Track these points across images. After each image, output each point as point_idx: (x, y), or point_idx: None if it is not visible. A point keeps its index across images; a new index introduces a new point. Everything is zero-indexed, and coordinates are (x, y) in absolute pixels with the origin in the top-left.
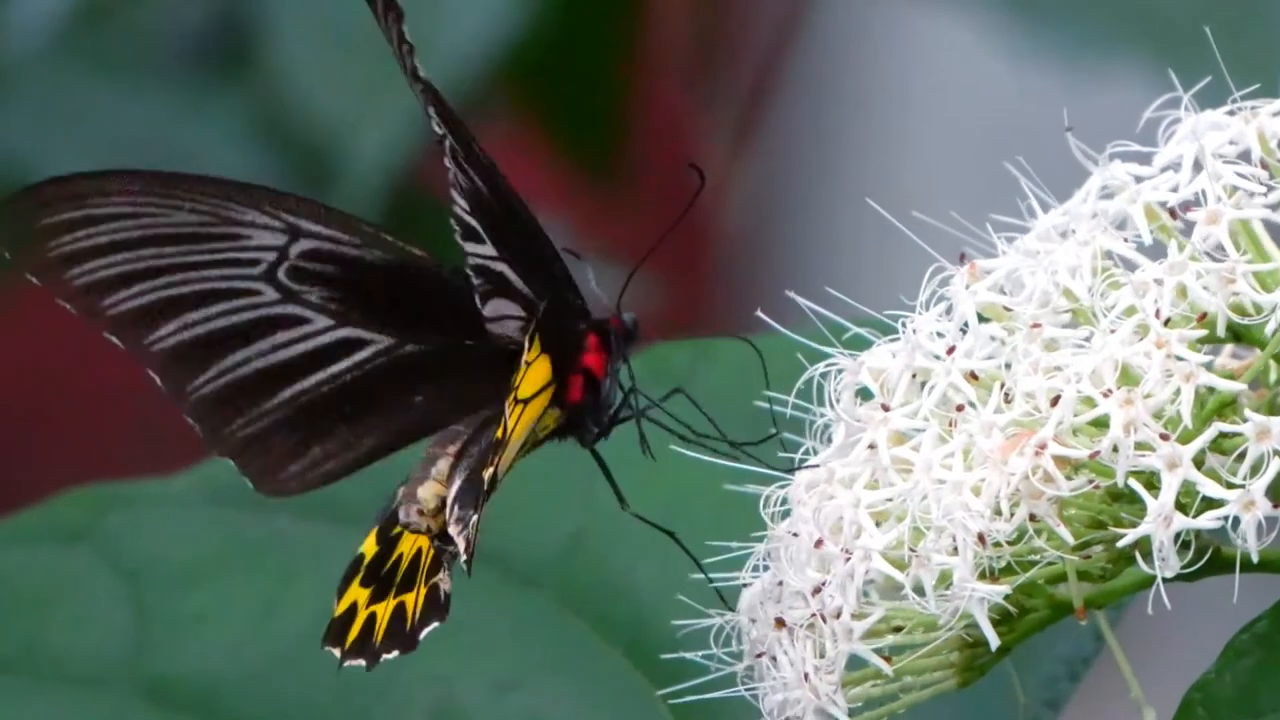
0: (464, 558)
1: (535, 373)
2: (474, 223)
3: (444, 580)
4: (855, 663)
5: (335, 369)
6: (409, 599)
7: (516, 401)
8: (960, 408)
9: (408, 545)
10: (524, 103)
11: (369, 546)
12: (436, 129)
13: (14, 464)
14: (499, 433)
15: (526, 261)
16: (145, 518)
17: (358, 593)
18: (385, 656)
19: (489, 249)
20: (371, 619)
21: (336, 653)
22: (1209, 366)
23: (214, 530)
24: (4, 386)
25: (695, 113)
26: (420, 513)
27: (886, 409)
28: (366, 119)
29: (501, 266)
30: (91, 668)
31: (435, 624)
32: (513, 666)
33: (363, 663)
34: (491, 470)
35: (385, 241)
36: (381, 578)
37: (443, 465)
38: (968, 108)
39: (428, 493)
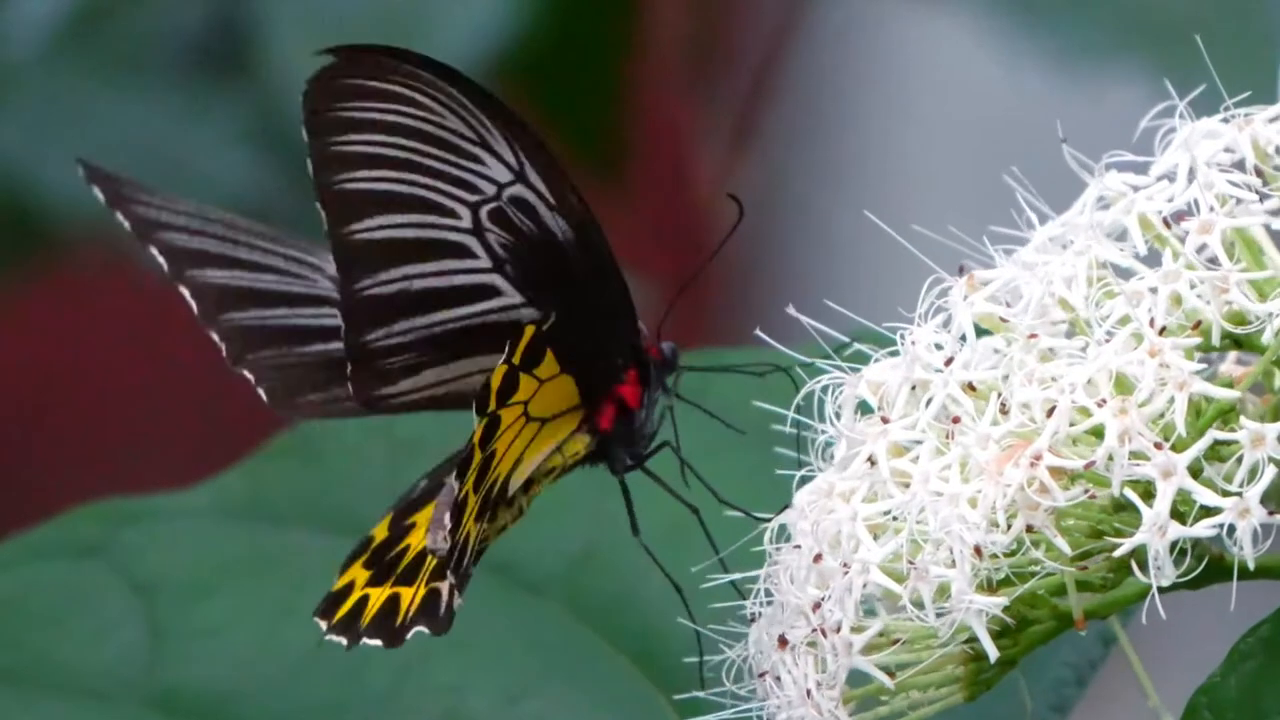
0: (450, 577)
1: (555, 393)
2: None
3: (445, 589)
4: (860, 680)
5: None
6: (404, 593)
7: (529, 419)
8: (957, 419)
9: (417, 539)
10: (521, 103)
11: (380, 530)
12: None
13: (15, 464)
14: (476, 440)
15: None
16: (158, 532)
17: (358, 572)
18: (367, 642)
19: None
20: (364, 601)
21: (323, 625)
22: (1212, 376)
23: (226, 543)
24: (7, 385)
25: (693, 114)
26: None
27: (886, 421)
28: None
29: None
30: (105, 681)
31: (424, 629)
32: (522, 676)
33: (344, 641)
34: (467, 488)
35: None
36: (384, 563)
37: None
38: (966, 111)
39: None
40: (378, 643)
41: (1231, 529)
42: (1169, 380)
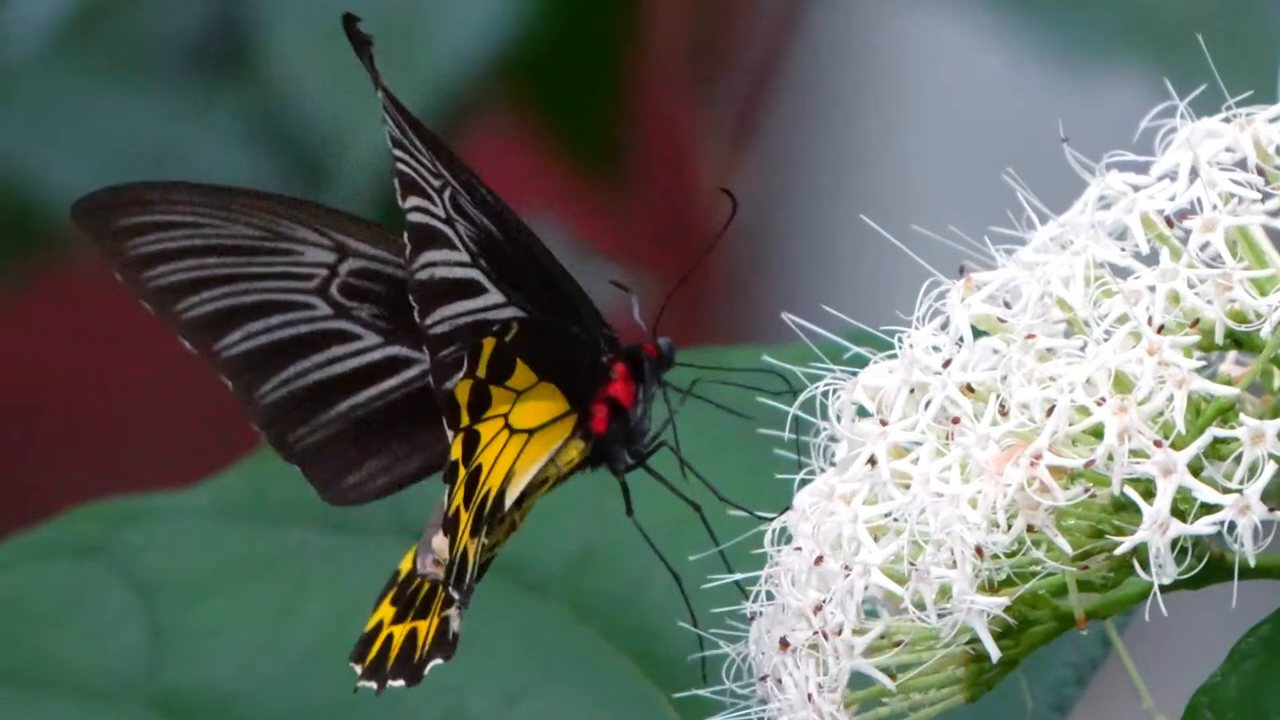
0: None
1: (538, 402)
2: (471, 274)
3: (454, 618)
4: (862, 683)
5: (385, 385)
6: (421, 627)
7: (514, 432)
8: (956, 420)
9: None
10: (521, 102)
11: (405, 563)
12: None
13: (14, 464)
14: (458, 456)
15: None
16: (159, 531)
17: (385, 610)
18: (392, 684)
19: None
20: (389, 641)
21: (358, 669)
22: (1211, 376)
23: (227, 543)
24: (7, 385)
25: (693, 114)
26: (436, 563)
27: (885, 424)
28: (362, 120)
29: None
30: (106, 681)
31: (439, 660)
32: (523, 676)
33: (374, 686)
34: (456, 504)
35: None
36: (406, 598)
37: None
38: (966, 110)
39: (441, 542)
40: (400, 683)
41: (1232, 526)
42: (1168, 378)
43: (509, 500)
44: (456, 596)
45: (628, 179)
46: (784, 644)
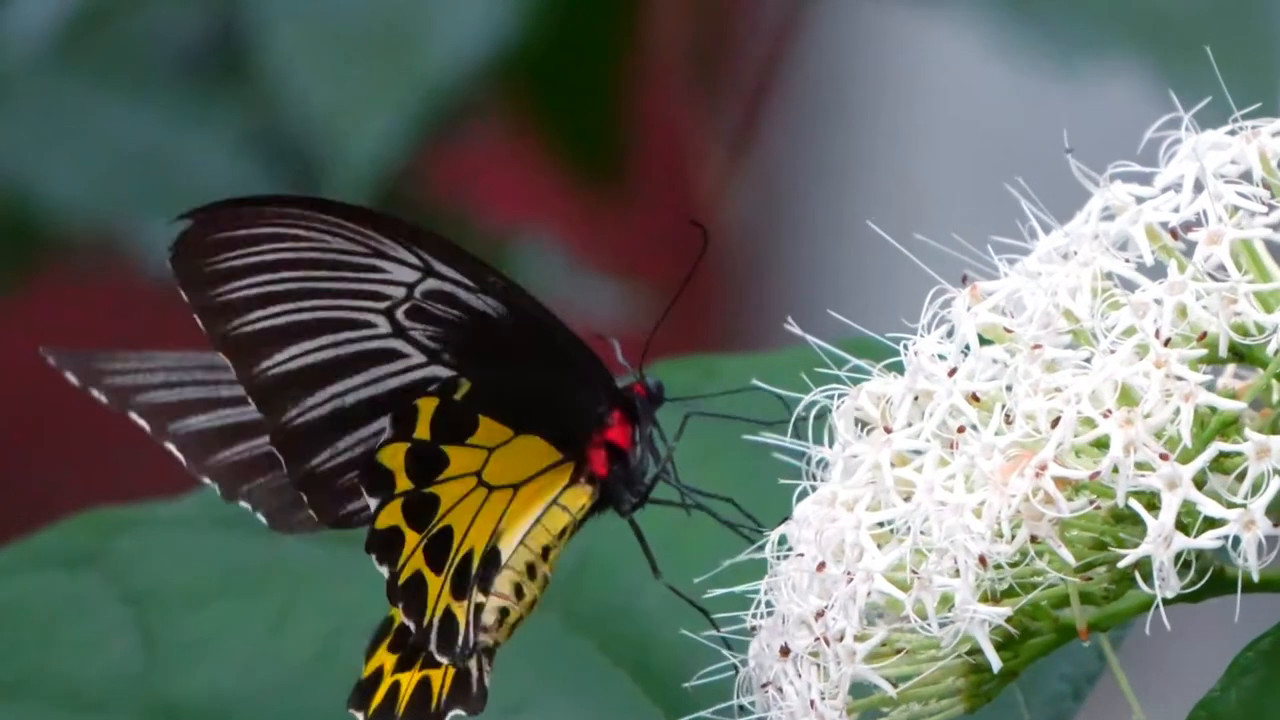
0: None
1: (519, 455)
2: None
3: (474, 666)
4: (862, 692)
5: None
6: (434, 676)
7: (493, 488)
8: (961, 429)
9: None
10: (520, 107)
11: (398, 611)
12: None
13: (14, 464)
14: (392, 523)
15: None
16: (152, 541)
17: (385, 657)
18: None
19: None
20: (395, 688)
21: (360, 717)
22: (1210, 389)
23: (220, 553)
24: (7, 385)
25: (693, 119)
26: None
27: (889, 431)
28: (357, 125)
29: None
30: (99, 692)
31: (461, 711)
32: (519, 688)
33: None
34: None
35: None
36: (409, 645)
37: None
38: (968, 116)
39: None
40: None
41: (1236, 541)
42: (1175, 391)
43: (506, 554)
44: (445, 661)
45: (626, 184)
46: (785, 651)
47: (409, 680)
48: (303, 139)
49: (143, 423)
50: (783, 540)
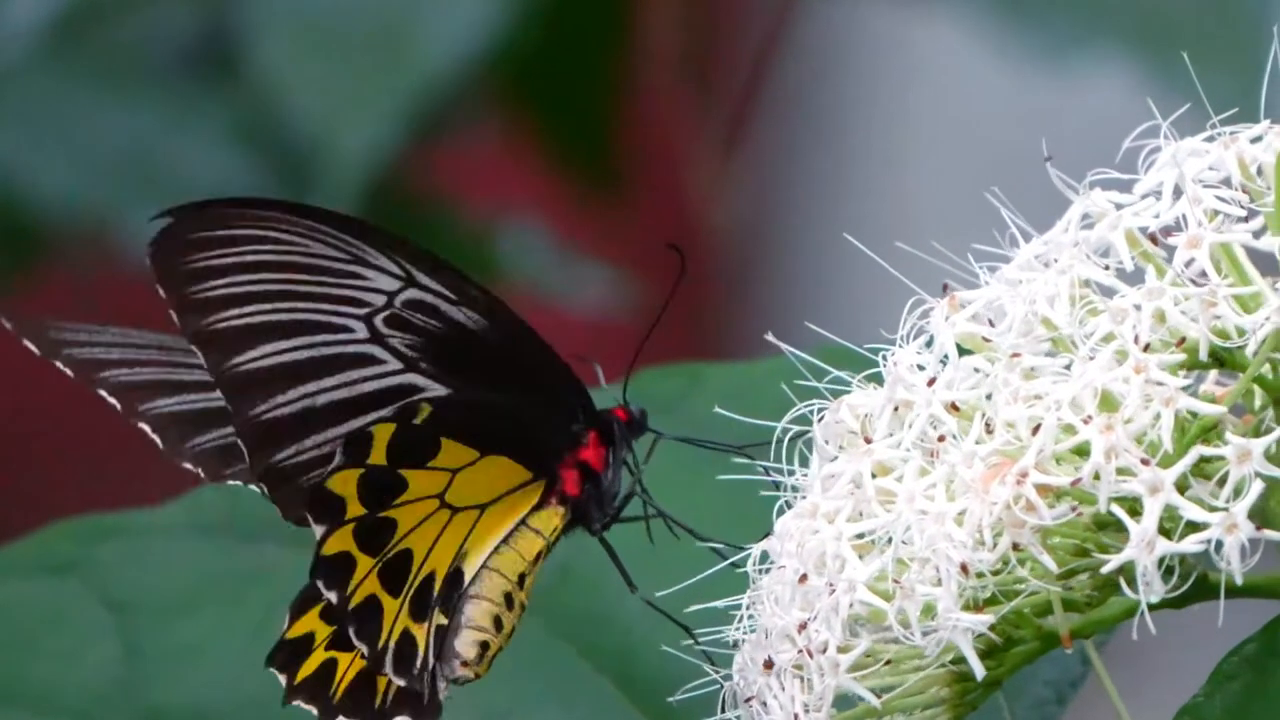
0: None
1: (485, 476)
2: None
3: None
4: (847, 704)
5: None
6: (381, 680)
7: (457, 510)
8: (942, 438)
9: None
10: (512, 108)
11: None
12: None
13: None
14: (339, 549)
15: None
16: (133, 549)
17: (316, 624)
18: None
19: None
20: (330, 666)
21: (282, 679)
22: (1192, 394)
23: (202, 560)
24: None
25: (685, 118)
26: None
27: (869, 441)
28: (348, 124)
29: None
30: (81, 699)
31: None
32: (504, 696)
33: (314, 710)
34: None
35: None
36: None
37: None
38: (958, 121)
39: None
40: None
41: (1219, 545)
42: (1155, 396)
43: (469, 575)
44: (402, 683)
45: (619, 184)
46: (768, 665)
47: (347, 663)
48: (294, 137)
49: (112, 400)
50: (765, 557)
